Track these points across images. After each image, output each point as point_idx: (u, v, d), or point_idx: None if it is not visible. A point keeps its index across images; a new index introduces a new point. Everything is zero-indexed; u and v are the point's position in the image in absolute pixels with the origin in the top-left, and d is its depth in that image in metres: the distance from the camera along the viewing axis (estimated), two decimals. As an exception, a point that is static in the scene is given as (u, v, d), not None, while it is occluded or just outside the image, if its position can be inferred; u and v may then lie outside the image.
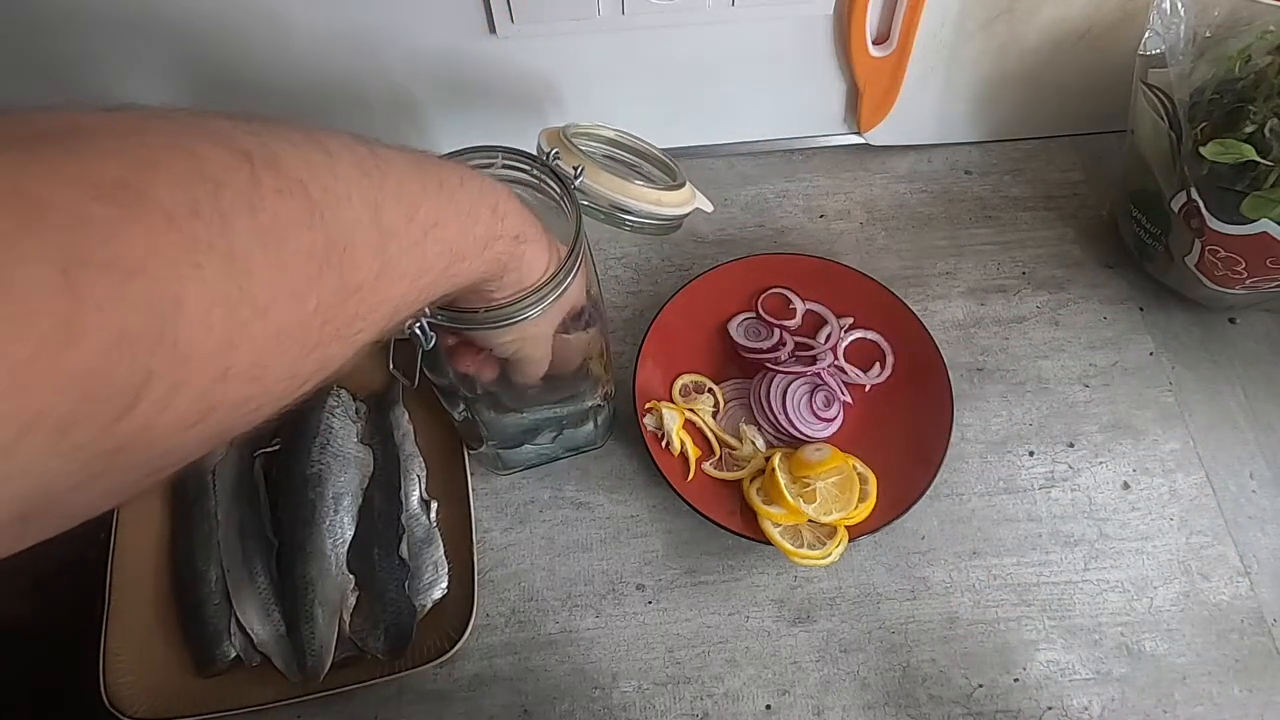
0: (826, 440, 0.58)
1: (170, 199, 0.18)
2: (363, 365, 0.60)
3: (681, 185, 0.57)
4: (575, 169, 0.44)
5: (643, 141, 0.60)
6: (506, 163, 0.41)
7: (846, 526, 0.53)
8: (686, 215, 0.57)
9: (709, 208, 0.60)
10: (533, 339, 0.40)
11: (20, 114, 0.18)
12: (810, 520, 0.53)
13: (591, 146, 0.58)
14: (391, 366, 0.41)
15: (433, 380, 0.46)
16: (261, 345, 0.20)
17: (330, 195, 0.22)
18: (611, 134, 0.59)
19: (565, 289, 0.38)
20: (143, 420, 0.18)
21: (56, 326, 0.15)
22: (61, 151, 0.17)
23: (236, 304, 0.19)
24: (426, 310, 0.37)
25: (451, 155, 0.40)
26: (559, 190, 0.41)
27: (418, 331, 0.37)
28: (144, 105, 0.20)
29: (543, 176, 0.41)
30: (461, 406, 0.48)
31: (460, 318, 0.37)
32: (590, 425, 0.56)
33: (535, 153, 0.42)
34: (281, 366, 0.22)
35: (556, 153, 0.44)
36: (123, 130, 0.19)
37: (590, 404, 0.53)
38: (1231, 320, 0.65)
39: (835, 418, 0.59)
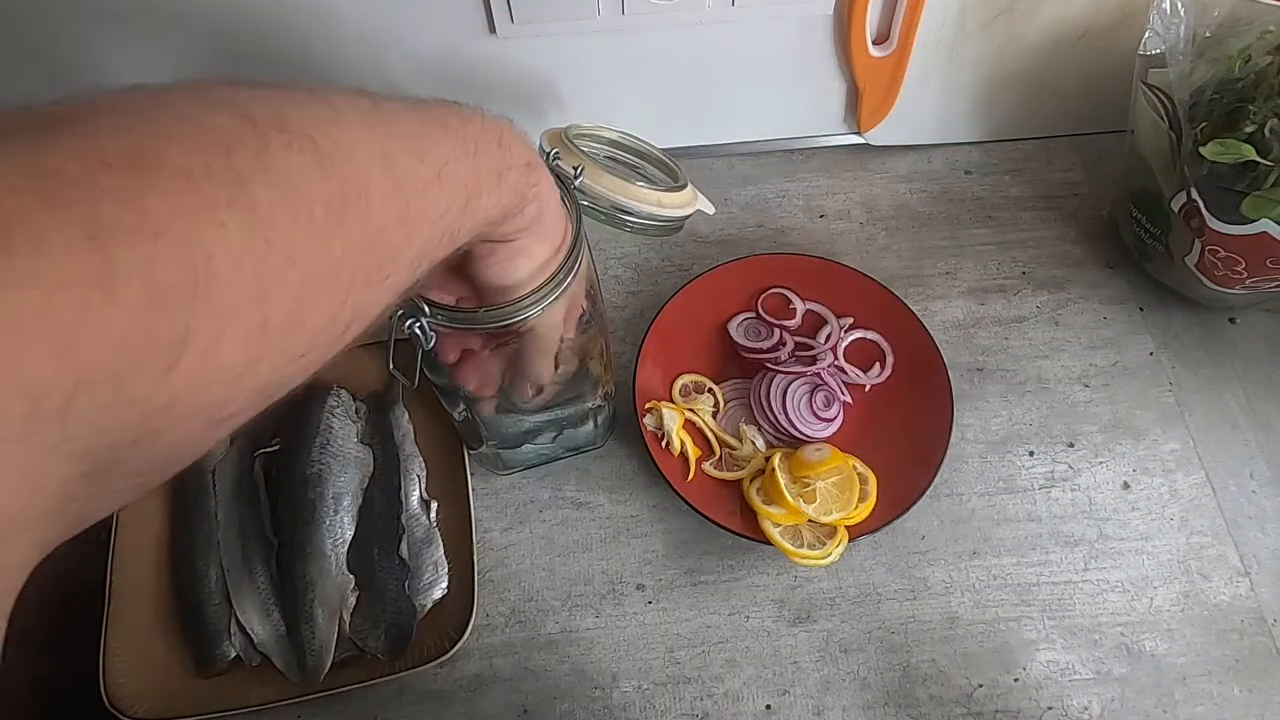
0: (826, 440, 0.58)
1: (184, 164, 0.19)
2: (363, 365, 0.60)
3: (683, 187, 0.57)
4: (575, 169, 0.44)
5: (644, 143, 0.60)
6: None
7: (846, 526, 0.53)
8: (688, 217, 0.57)
9: (710, 209, 0.60)
10: (540, 342, 0.41)
11: (26, 108, 0.18)
12: (810, 520, 0.53)
13: (593, 148, 0.58)
14: (391, 366, 0.41)
15: (433, 380, 0.46)
16: (295, 293, 0.21)
17: (339, 146, 0.23)
18: (613, 135, 0.60)
19: (566, 288, 0.38)
20: (190, 372, 0.18)
21: (94, 289, 0.16)
22: (72, 133, 0.18)
23: (264, 256, 0.20)
24: (426, 310, 0.37)
25: None
26: (559, 190, 0.41)
27: (418, 331, 0.37)
28: (148, 85, 0.21)
29: None
30: (461, 406, 0.48)
31: (460, 317, 0.37)
32: (590, 425, 0.56)
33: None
34: (319, 314, 0.22)
35: (557, 153, 0.44)
36: (129, 107, 0.20)
37: (590, 404, 0.53)
38: (1231, 320, 0.65)
39: (835, 418, 0.59)
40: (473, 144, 0.30)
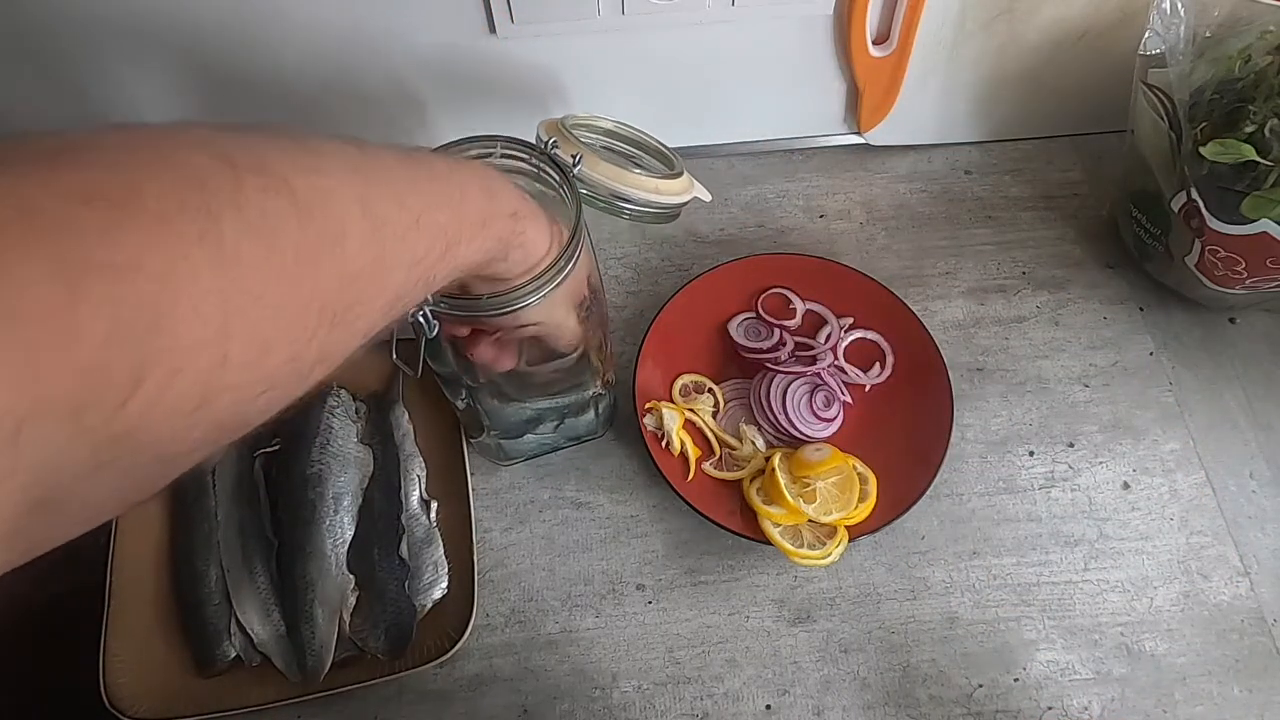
0: (826, 440, 0.58)
1: (159, 201, 0.19)
2: (363, 365, 0.60)
3: (679, 174, 0.57)
4: (574, 157, 0.44)
5: (640, 132, 0.60)
6: (505, 152, 0.41)
7: (846, 526, 0.53)
8: (685, 203, 0.58)
9: (707, 196, 0.60)
10: (556, 316, 0.41)
11: (11, 139, 0.19)
12: (810, 520, 0.53)
13: (590, 137, 0.58)
14: (395, 356, 0.41)
15: (435, 369, 0.46)
16: (258, 332, 0.21)
17: (317, 191, 0.23)
18: (609, 125, 0.60)
19: (567, 274, 0.39)
20: (145, 403, 0.19)
21: (59, 323, 0.17)
22: (54, 167, 0.18)
23: (229, 294, 0.20)
24: (429, 298, 0.37)
25: (451, 144, 0.40)
26: (558, 179, 0.41)
27: (420, 320, 0.37)
28: (129, 123, 0.21)
29: (541, 165, 0.41)
30: (464, 395, 0.49)
31: (462, 305, 0.37)
32: (591, 414, 0.56)
33: (534, 143, 0.42)
34: (282, 351, 0.22)
35: (555, 142, 0.44)
36: (110, 144, 0.20)
37: (591, 392, 0.53)
38: (1231, 320, 0.65)
39: (835, 418, 0.59)
40: (457, 192, 0.30)
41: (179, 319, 0.19)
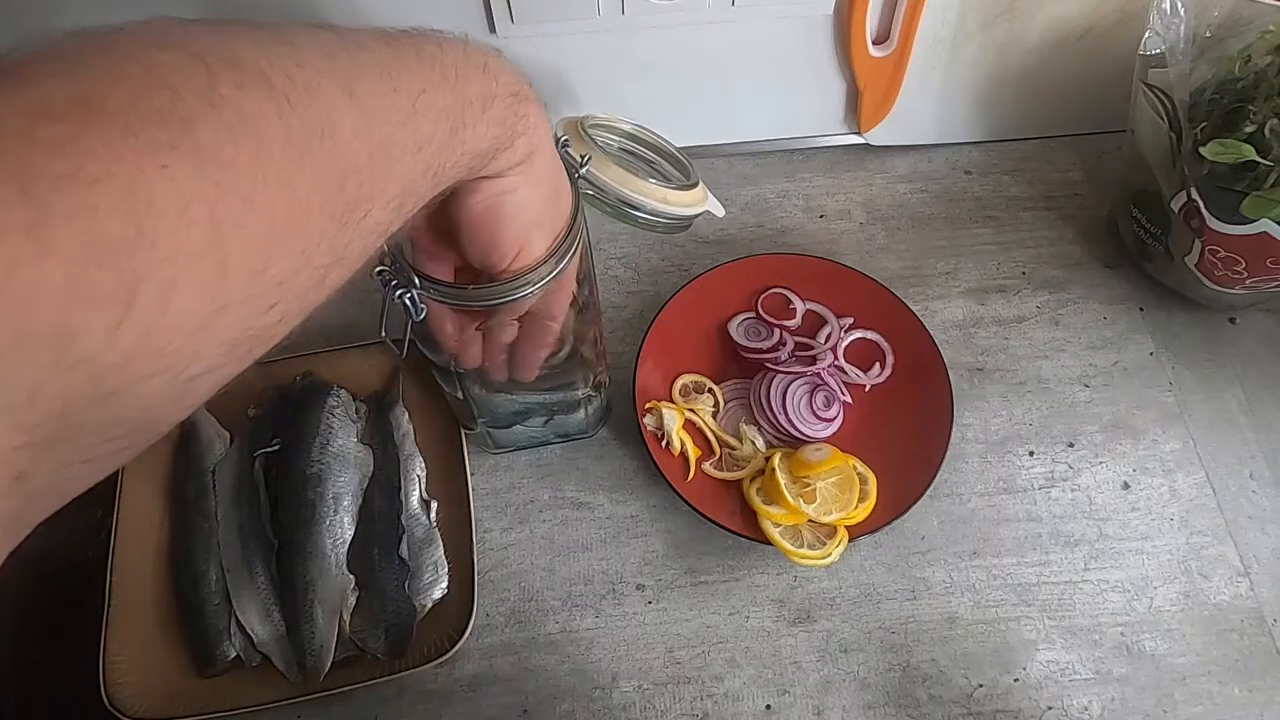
0: (826, 440, 0.58)
1: (125, 107, 0.18)
2: (363, 365, 0.60)
3: (694, 186, 0.57)
4: (583, 157, 0.44)
5: (660, 138, 0.60)
6: None
7: (846, 526, 0.53)
8: (696, 216, 0.57)
9: (720, 212, 0.60)
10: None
11: None
12: (810, 520, 0.53)
13: (608, 139, 0.58)
14: (384, 333, 0.41)
15: (429, 357, 0.46)
16: (256, 236, 0.20)
17: (297, 82, 0.22)
18: (629, 128, 0.59)
19: (563, 269, 0.38)
20: (143, 325, 0.18)
21: (27, 240, 0.16)
22: (13, 83, 0.17)
23: (215, 198, 0.19)
24: (418, 282, 0.37)
25: None
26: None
27: (407, 302, 0.37)
28: (100, 27, 0.20)
29: None
30: (455, 384, 0.49)
31: (450, 293, 0.37)
32: (581, 414, 0.56)
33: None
34: (287, 257, 0.21)
35: (567, 140, 0.44)
36: (71, 53, 0.19)
37: (581, 393, 0.53)
38: (1231, 320, 0.65)
39: (835, 418, 0.59)
40: (453, 71, 0.28)
41: (164, 227, 0.18)
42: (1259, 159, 0.50)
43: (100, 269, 0.17)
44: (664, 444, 0.56)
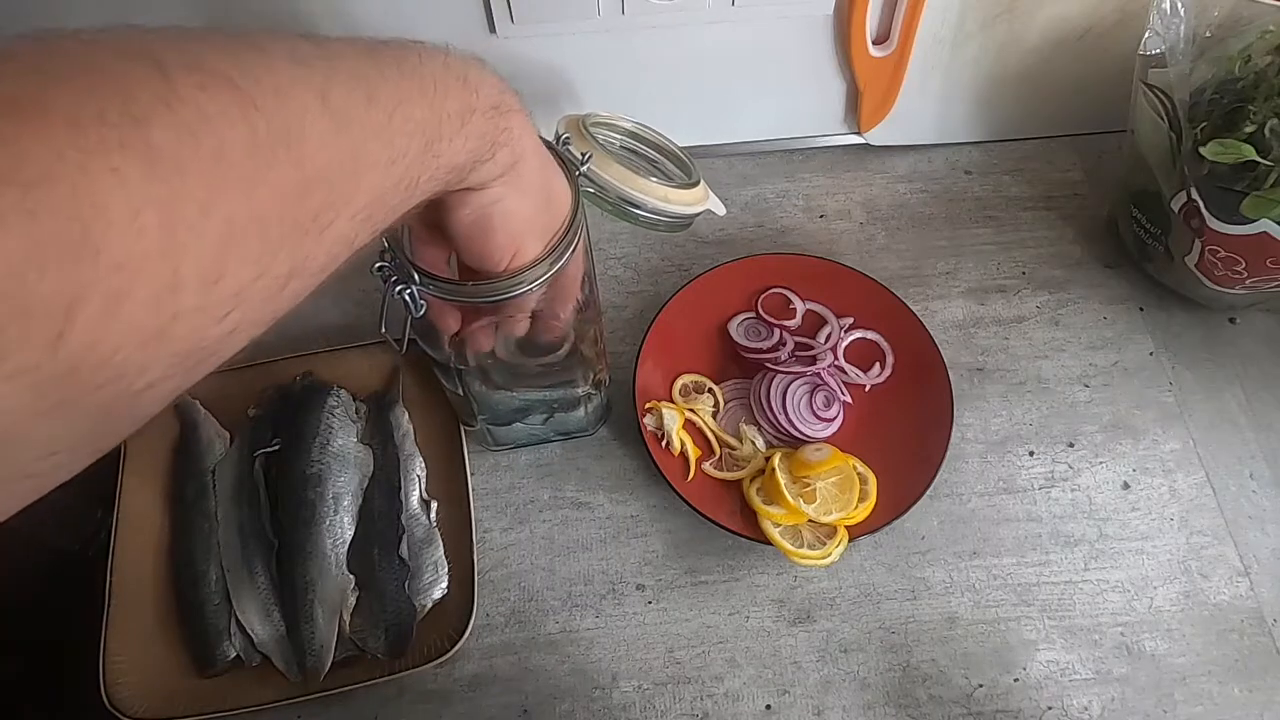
0: (826, 440, 0.58)
1: (72, 108, 0.17)
2: (363, 365, 0.60)
3: (695, 184, 0.57)
4: (584, 155, 0.44)
5: (662, 136, 0.60)
6: None
7: (846, 526, 0.53)
8: (696, 215, 0.57)
9: (721, 210, 0.60)
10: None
11: None
12: (810, 520, 0.53)
13: (610, 137, 0.58)
14: (383, 329, 0.41)
15: (429, 353, 0.46)
16: (212, 244, 0.19)
17: (264, 86, 0.21)
18: (631, 126, 0.59)
19: (562, 266, 0.38)
20: (87, 336, 0.17)
21: None
22: None
23: (168, 203, 0.18)
24: (417, 278, 0.37)
25: None
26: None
27: (406, 298, 0.37)
28: (52, 30, 0.19)
29: None
30: (455, 380, 0.49)
31: (448, 290, 0.37)
32: (581, 411, 0.56)
33: (552, 138, 0.42)
34: (244, 267, 0.20)
35: (568, 137, 0.44)
36: (23, 53, 0.18)
37: (581, 391, 0.53)
38: (1231, 320, 0.65)
39: (835, 418, 0.59)
40: (431, 84, 0.28)
41: (112, 234, 0.17)
42: (1259, 159, 0.50)
43: (39, 277, 0.16)
44: (664, 444, 0.56)
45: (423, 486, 0.57)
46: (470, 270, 0.38)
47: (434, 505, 0.56)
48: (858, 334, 0.62)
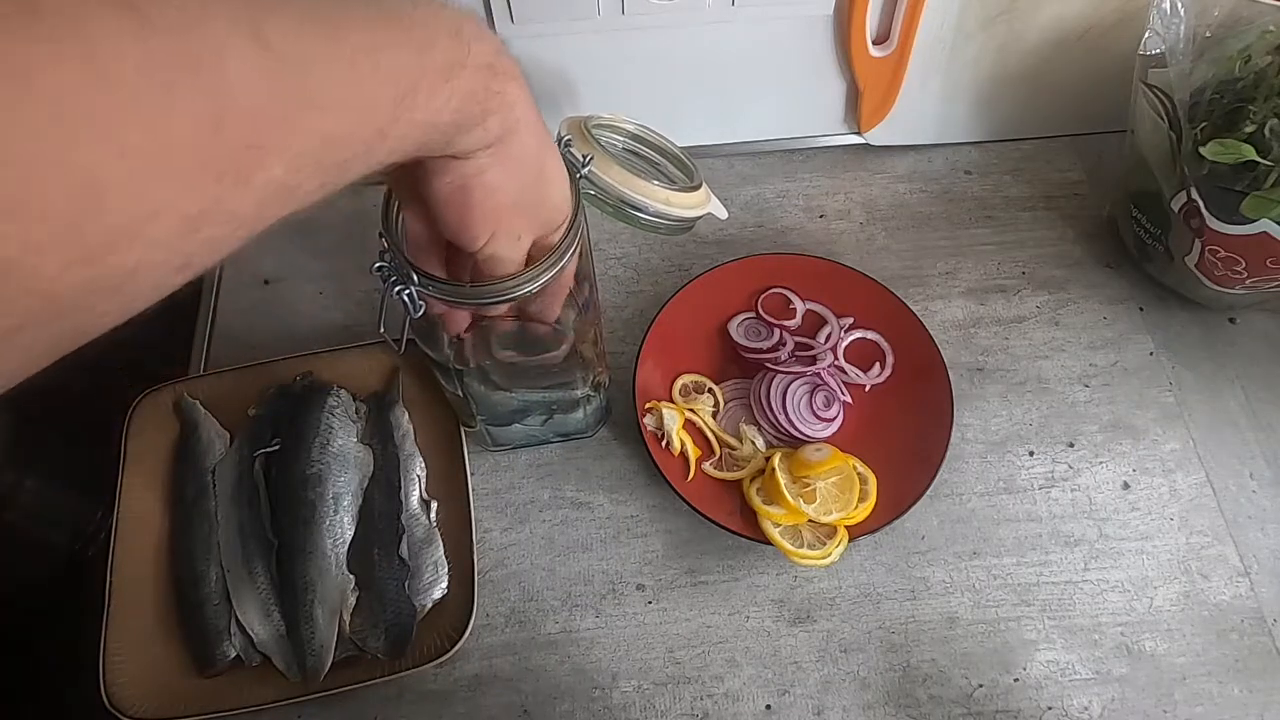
0: (826, 440, 0.58)
1: None
2: (363, 365, 0.60)
3: (697, 188, 0.57)
4: (585, 157, 0.44)
5: (664, 139, 0.60)
6: None
7: (846, 526, 0.53)
8: (698, 218, 0.57)
9: (723, 214, 0.60)
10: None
11: None
12: (810, 520, 0.53)
13: (612, 139, 0.58)
14: (382, 329, 0.40)
15: (428, 354, 0.46)
16: (80, 168, 0.17)
17: (173, 6, 0.19)
18: (633, 128, 0.59)
19: (563, 266, 0.39)
20: None
21: None
22: None
23: (17, 108, 0.16)
24: (416, 278, 0.37)
25: None
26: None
27: (405, 299, 0.37)
28: None
29: None
30: (454, 381, 0.49)
31: (446, 290, 0.38)
32: (580, 413, 0.56)
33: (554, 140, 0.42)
34: (129, 202, 0.18)
35: (570, 139, 0.44)
36: None
37: (580, 393, 0.53)
38: (1231, 320, 0.65)
39: (835, 418, 0.59)
40: (418, 30, 0.26)
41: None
42: (1259, 159, 0.50)
43: None
44: (664, 444, 0.56)
45: (423, 486, 0.57)
46: (454, 249, 0.36)
47: (434, 505, 0.56)
48: (858, 334, 0.62)
